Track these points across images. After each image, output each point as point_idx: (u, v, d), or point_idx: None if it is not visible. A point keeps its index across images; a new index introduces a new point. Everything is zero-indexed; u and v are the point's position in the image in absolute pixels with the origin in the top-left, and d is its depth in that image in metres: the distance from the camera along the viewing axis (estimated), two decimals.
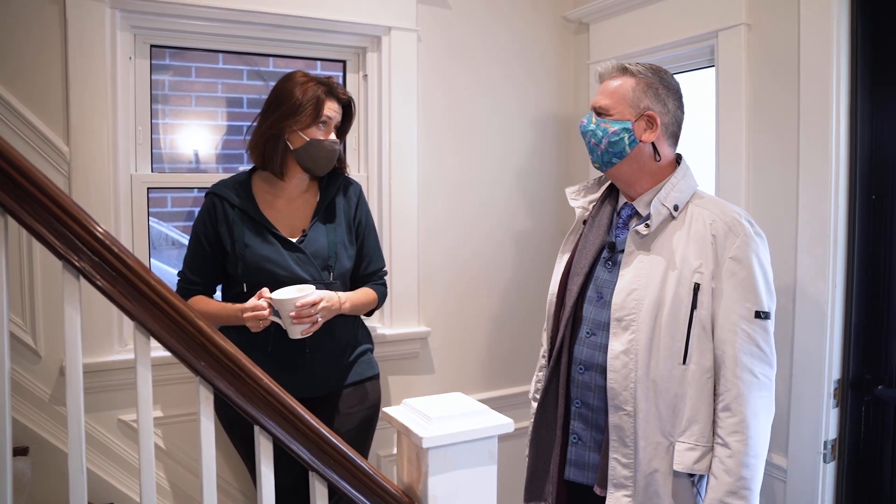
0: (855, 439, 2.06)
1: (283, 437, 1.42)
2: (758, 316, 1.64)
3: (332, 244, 2.11)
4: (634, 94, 1.74)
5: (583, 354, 1.78)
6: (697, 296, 1.65)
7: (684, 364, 1.65)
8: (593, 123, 1.77)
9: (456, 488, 1.57)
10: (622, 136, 1.73)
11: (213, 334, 1.33)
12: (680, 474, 1.67)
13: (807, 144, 2.05)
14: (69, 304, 1.23)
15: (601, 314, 1.76)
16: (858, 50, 2.00)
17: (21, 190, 1.16)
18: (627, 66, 1.77)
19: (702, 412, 1.65)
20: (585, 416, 1.78)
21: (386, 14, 2.58)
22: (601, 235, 1.82)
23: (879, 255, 2.01)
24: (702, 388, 1.65)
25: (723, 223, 1.67)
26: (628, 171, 1.77)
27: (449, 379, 2.83)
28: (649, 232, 1.70)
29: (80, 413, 1.24)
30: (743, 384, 1.61)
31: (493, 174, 2.89)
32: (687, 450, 1.65)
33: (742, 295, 1.64)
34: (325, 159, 2.09)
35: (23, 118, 2.09)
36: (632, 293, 1.69)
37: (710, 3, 2.32)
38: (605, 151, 1.75)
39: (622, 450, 1.69)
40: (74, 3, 2.12)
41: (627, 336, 1.68)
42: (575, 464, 1.79)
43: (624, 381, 1.68)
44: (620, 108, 1.74)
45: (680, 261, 1.67)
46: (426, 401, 1.66)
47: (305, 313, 1.92)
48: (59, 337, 2.17)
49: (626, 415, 1.68)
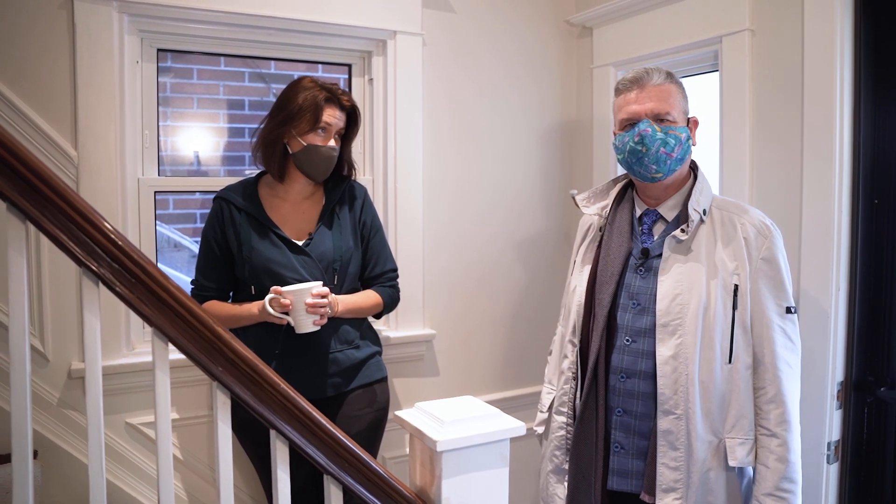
0: (858, 440, 2.09)
1: (299, 442, 1.43)
2: (788, 311, 1.73)
3: (337, 247, 2.13)
4: (682, 100, 1.80)
5: (623, 363, 1.79)
6: (737, 297, 1.71)
7: (730, 363, 1.72)
8: (660, 132, 1.74)
9: (469, 491, 1.58)
10: (688, 143, 1.78)
11: (231, 339, 1.35)
12: (731, 469, 1.72)
13: (810, 149, 2.07)
14: (89, 310, 1.24)
15: (640, 321, 1.77)
16: (861, 55, 2.03)
17: (43, 198, 1.17)
18: (669, 71, 1.81)
19: (747, 407, 1.73)
20: (627, 424, 1.78)
21: (391, 18, 2.59)
22: (625, 242, 1.83)
23: (881, 258, 2.04)
24: (746, 384, 1.73)
25: (751, 226, 1.74)
26: (677, 177, 1.81)
27: (454, 381, 2.85)
28: (687, 236, 1.74)
29: (99, 417, 1.25)
30: (784, 376, 1.70)
31: (497, 177, 2.91)
32: (738, 445, 1.72)
33: (774, 293, 1.73)
34: (322, 165, 2.10)
35: (31, 122, 2.10)
36: (676, 298, 1.72)
37: (714, 8, 2.34)
38: (676, 159, 1.76)
39: (671, 454, 1.71)
40: (83, 7, 2.13)
41: (675, 341, 1.71)
42: (618, 472, 1.79)
43: (674, 385, 1.71)
44: (679, 114, 1.78)
45: (718, 264, 1.73)
46: (438, 404, 1.68)
47: (321, 303, 1.94)
48: (66, 340, 2.18)
49: (677, 418, 1.70)
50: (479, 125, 2.85)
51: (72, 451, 2.17)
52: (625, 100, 1.80)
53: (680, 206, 1.82)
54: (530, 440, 2.03)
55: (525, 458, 2.60)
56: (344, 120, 2.14)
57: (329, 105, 2.08)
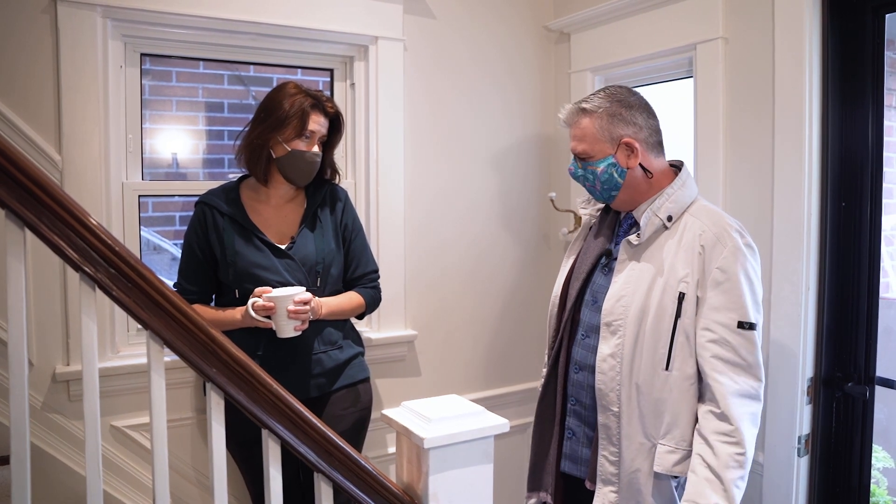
0: (827, 434, 2.16)
1: (290, 440, 1.46)
2: (741, 326, 1.66)
3: (320, 250, 2.16)
4: (602, 129, 1.77)
5: (578, 355, 1.86)
6: (682, 304, 1.70)
7: (667, 370, 1.71)
8: (580, 169, 1.83)
9: (454, 487, 1.63)
10: (610, 171, 1.78)
11: (225, 341, 1.38)
12: (661, 475, 1.73)
13: (781, 153, 2.14)
14: (86, 314, 1.27)
15: (595, 318, 1.83)
16: (829, 63, 2.10)
17: (41, 204, 1.19)
18: (584, 106, 1.80)
19: (683, 417, 1.71)
20: (579, 414, 1.86)
21: (373, 24, 2.63)
22: (603, 242, 1.90)
23: (849, 258, 2.11)
24: (683, 393, 1.71)
25: (712, 234, 1.70)
26: (629, 196, 1.82)
27: (435, 381, 2.89)
28: (640, 242, 1.76)
29: (96, 419, 1.28)
30: (724, 389, 1.64)
31: (478, 180, 2.95)
32: (668, 452, 1.71)
33: (725, 304, 1.67)
34: (306, 170, 2.13)
35: (15, 127, 2.10)
36: (620, 299, 1.76)
37: (688, 17, 2.41)
38: (602, 190, 1.81)
39: (609, 448, 1.76)
40: (66, 12, 2.13)
41: (615, 340, 1.75)
42: (569, 457, 1.88)
43: (611, 382, 1.75)
44: (597, 147, 1.78)
45: (668, 270, 1.72)
46: (424, 403, 1.72)
47: (302, 309, 1.97)
48: (51, 344, 2.19)
49: (613, 415, 1.75)
50: (460, 129, 2.90)
51: (56, 454, 2.17)
52: None
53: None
54: (513, 436, 2.09)
55: (508, 454, 2.65)
56: (327, 126, 2.17)
57: (315, 112, 2.11)
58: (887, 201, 2.17)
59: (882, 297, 2.11)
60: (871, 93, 2.05)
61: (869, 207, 2.07)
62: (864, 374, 2.09)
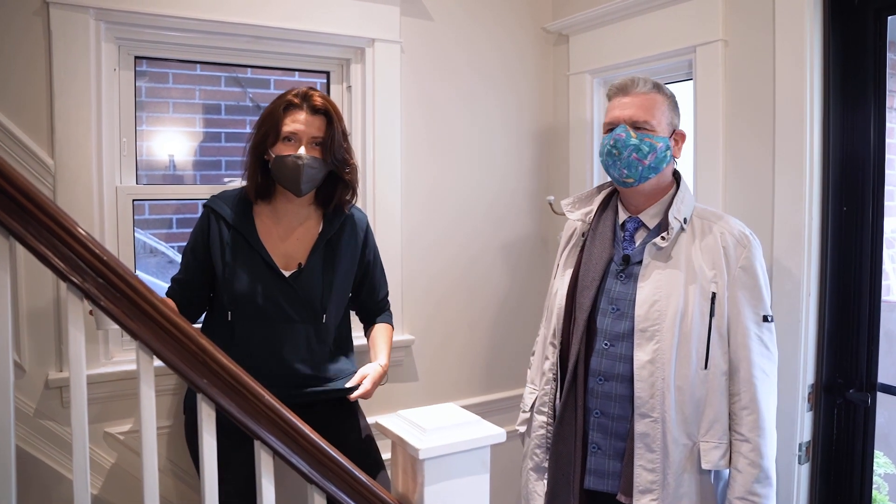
0: (828, 441, 2.14)
1: (283, 452, 1.44)
2: (765, 319, 1.78)
3: (327, 285, 2.05)
4: (668, 111, 1.84)
5: (602, 366, 1.83)
6: (714, 304, 1.75)
7: (706, 369, 1.75)
8: (635, 138, 1.79)
9: (450, 497, 1.60)
10: (665, 152, 1.81)
11: (216, 351, 1.36)
12: (705, 472, 1.76)
13: (782, 157, 2.12)
14: (73, 325, 1.25)
15: (619, 325, 1.81)
16: (830, 66, 2.08)
17: (27, 213, 1.17)
18: (658, 83, 1.86)
19: (722, 412, 1.77)
20: (605, 426, 1.83)
21: (370, 26, 2.60)
22: (607, 248, 1.88)
23: (850, 264, 2.09)
24: (721, 389, 1.77)
25: (730, 235, 1.79)
26: (654, 186, 1.85)
27: (433, 386, 2.87)
28: (666, 244, 1.78)
29: (84, 429, 1.25)
30: (759, 383, 1.75)
31: (475, 183, 2.93)
32: (712, 448, 1.75)
33: (751, 302, 1.77)
34: (291, 176, 1.96)
35: (7, 131, 2.07)
36: (654, 304, 1.76)
37: (688, 19, 2.38)
38: (649, 167, 1.80)
39: (648, 455, 1.75)
40: (58, 14, 2.11)
41: (652, 346, 1.75)
42: (595, 472, 1.84)
43: (651, 389, 1.75)
44: (662, 124, 1.82)
45: (697, 271, 1.77)
46: (419, 412, 1.70)
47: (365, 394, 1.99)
48: (43, 351, 2.16)
49: (653, 421, 1.74)
50: (458, 131, 2.87)
51: (49, 461, 2.15)
52: (610, 105, 1.89)
53: (661, 214, 1.86)
54: (511, 444, 2.06)
55: (505, 462, 2.62)
56: (318, 125, 2.00)
57: (291, 112, 1.99)
58: (889, 204, 2.15)
59: (884, 300, 2.09)
60: (873, 95, 2.04)
61: (871, 211, 2.05)
62: (866, 381, 2.07)
